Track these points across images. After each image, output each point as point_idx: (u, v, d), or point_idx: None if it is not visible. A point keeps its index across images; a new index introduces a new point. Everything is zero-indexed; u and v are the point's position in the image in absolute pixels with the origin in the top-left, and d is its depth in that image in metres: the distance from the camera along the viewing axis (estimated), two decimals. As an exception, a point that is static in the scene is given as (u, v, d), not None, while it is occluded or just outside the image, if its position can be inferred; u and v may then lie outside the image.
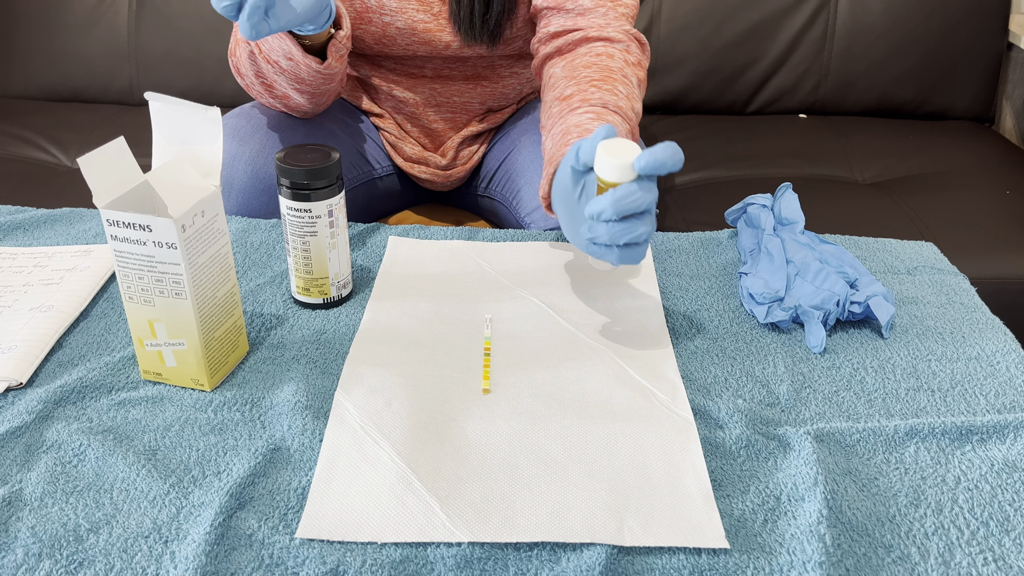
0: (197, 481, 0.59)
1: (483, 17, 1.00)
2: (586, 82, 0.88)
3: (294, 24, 0.78)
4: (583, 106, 0.85)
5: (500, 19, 1.01)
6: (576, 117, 0.84)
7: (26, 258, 0.84)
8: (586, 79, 0.89)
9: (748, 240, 0.87)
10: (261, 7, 0.73)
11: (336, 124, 1.12)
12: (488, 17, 1.00)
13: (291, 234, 0.76)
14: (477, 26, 1.00)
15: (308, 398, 0.67)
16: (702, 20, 1.75)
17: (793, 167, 1.59)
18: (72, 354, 0.72)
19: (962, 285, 0.85)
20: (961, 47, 1.74)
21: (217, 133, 0.67)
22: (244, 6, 0.73)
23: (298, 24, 0.79)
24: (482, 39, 1.02)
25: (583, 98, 0.86)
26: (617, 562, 0.53)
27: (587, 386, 0.69)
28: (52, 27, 1.79)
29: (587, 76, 0.89)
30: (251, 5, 0.73)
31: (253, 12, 0.73)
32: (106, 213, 0.61)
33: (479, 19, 1.00)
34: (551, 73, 0.95)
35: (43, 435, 0.63)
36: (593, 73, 0.89)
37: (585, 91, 0.87)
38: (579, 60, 0.92)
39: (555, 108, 0.88)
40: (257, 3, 0.73)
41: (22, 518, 0.56)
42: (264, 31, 0.75)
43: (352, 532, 0.55)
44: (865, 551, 0.55)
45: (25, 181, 1.51)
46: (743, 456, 0.62)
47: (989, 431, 0.65)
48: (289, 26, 0.78)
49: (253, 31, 0.74)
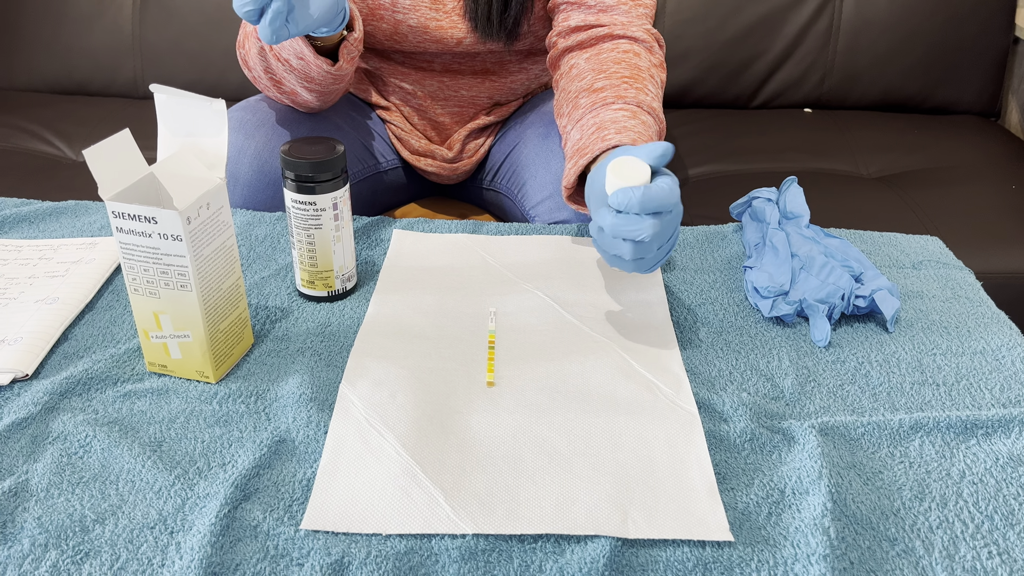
0: (202, 472, 0.59)
1: (501, 15, 1.00)
2: (617, 78, 0.89)
3: (311, 28, 0.79)
4: (618, 102, 0.85)
5: (518, 17, 1.01)
6: (611, 113, 0.84)
7: (32, 250, 0.85)
8: (616, 75, 0.89)
9: (753, 234, 0.87)
10: (283, 13, 0.74)
11: (342, 118, 1.12)
12: (506, 16, 1.00)
13: (296, 227, 0.76)
14: (495, 24, 1.00)
15: (313, 390, 0.67)
16: (707, 14, 1.74)
17: (798, 161, 1.59)
18: (78, 346, 0.72)
19: (967, 279, 0.84)
20: (967, 41, 1.74)
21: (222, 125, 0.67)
22: (266, 11, 0.73)
23: (315, 28, 0.79)
24: (499, 37, 1.02)
25: (617, 94, 0.86)
26: (621, 554, 0.54)
27: (591, 379, 0.69)
28: (57, 20, 1.79)
29: (617, 72, 0.90)
30: (273, 10, 0.73)
31: (275, 18, 0.73)
32: (111, 205, 0.61)
33: (497, 17, 1.00)
34: (573, 63, 0.95)
35: (49, 426, 0.63)
36: (623, 70, 0.90)
37: (618, 87, 0.87)
38: (606, 55, 0.92)
39: (583, 99, 0.88)
40: (279, 9, 0.73)
41: (28, 509, 0.56)
42: (284, 36, 0.76)
43: (357, 524, 0.55)
44: (869, 544, 0.55)
45: (30, 174, 1.51)
46: (747, 449, 0.62)
47: (994, 425, 0.65)
48: (307, 31, 0.78)
49: (273, 36, 0.74)
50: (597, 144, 0.80)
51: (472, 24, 1.01)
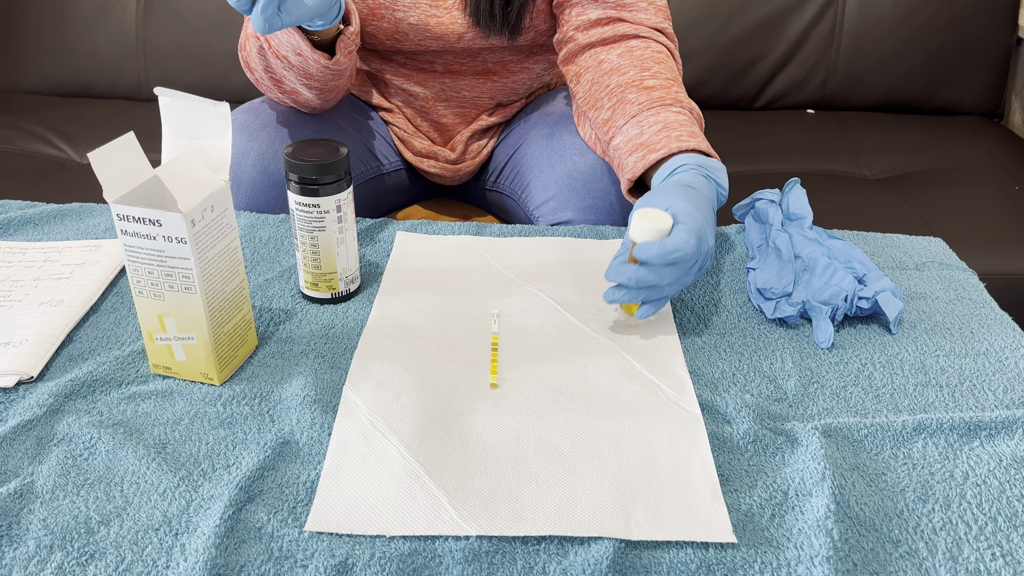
0: (207, 474, 0.59)
1: (503, 10, 1.00)
2: (663, 79, 0.92)
3: (305, 19, 0.79)
4: (676, 105, 0.90)
5: (521, 11, 1.01)
6: (674, 115, 0.88)
7: (36, 253, 0.85)
8: (662, 75, 0.93)
9: (756, 235, 0.87)
10: (275, 1, 0.74)
11: (345, 120, 1.12)
12: (509, 10, 1.00)
13: (299, 229, 0.76)
14: (498, 19, 1.00)
15: (316, 392, 0.67)
16: (710, 15, 1.74)
17: (801, 162, 1.59)
18: (82, 348, 0.73)
19: (971, 281, 0.84)
20: (970, 42, 1.74)
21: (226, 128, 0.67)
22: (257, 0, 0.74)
23: (309, 19, 0.79)
24: (503, 32, 1.02)
25: (675, 97, 0.91)
26: (624, 556, 0.54)
27: (595, 381, 0.69)
28: (61, 22, 1.80)
29: (662, 73, 0.93)
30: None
31: (267, 6, 0.74)
32: (116, 207, 0.61)
33: (499, 11, 1.00)
34: (603, 59, 0.96)
35: (54, 428, 0.63)
36: (666, 71, 0.94)
37: (668, 88, 0.91)
38: (640, 53, 0.95)
39: (632, 94, 0.91)
40: None
41: (34, 510, 0.56)
42: (276, 25, 0.76)
43: (361, 525, 0.55)
44: (873, 546, 0.55)
45: (35, 176, 1.51)
46: (750, 451, 0.62)
47: (997, 427, 0.65)
48: (300, 20, 0.78)
49: (266, 25, 0.74)
50: (672, 143, 0.84)
51: (474, 20, 1.01)
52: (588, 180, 0.99)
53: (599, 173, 0.99)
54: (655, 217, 0.72)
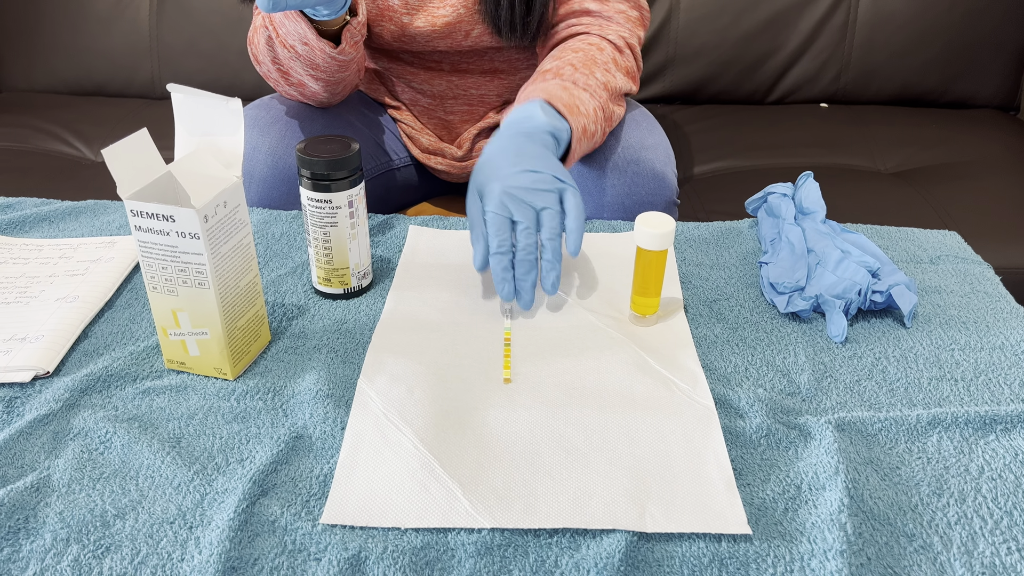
0: (221, 468, 0.60)
1: (524, 19, 1.00)
2: (565, 62, 0.95)
3: (310, 2, 0.79)
4: (557, 79, 0.92)
5: (541, 19, 1.01)
6: (543, 85, 0.90)
7: (52, 249, 0.86)
8: (566, 60, 0.95)
9: (769, 229, 0.87)
10: None
11: (354, 115, 1.12)
12: (529, 19, 1.00)
13: (312, 225, 0.76)
14: (519, 28, 1.01)
15: (330, 387, 0.67)
16: (722, 9, 1.73)
17: (814, 156, 1.58)
18: (97, 343, 0.73)
19: (986, 274, 0.84)
20: (985, 35, 1.72)
21: (239, 124, 0.67)
22: None
23: (314, 2, 0.80)
24: (523, 40, 1.02)
25: (556, 73, 0.93)
26: (637, 549, 0.54)
27: (608, 375, 0.69)
28: (75, 22, 1.81)
29: (568, 59, 0.95)
30: None
31: None
32: (130, 204, 0.62)
33: (520, 20, 1.00)
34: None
35: (70, 423, 0.64)
36: (575, 57, 0.95)
37: (562, 69, 0.93)
38: (568, 44, 0.98)
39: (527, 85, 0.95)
40: None
41: (50, 504, 0.57)
42: (282, 4, 0.76)
43: (376, 518, 0.55)
44: (887, 540, 0.54)
45: (50, 174, 1.53)
46: (764, 445, 0.62)
47: (1013, 420, 0.64)
48: (305, 4, 0.79)
49: (270, 2, 0.75)
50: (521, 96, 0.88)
51: (494, 28, 1.01)
52: (595, 176, 0.99)
53: (605, 170, 0.99)
54: (657, 223, 0.72)
